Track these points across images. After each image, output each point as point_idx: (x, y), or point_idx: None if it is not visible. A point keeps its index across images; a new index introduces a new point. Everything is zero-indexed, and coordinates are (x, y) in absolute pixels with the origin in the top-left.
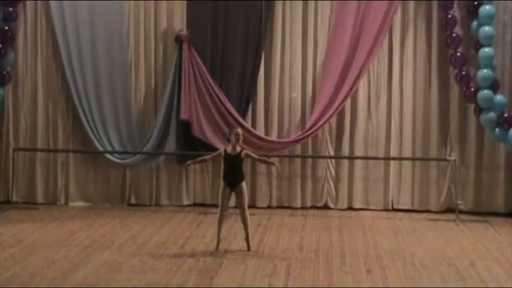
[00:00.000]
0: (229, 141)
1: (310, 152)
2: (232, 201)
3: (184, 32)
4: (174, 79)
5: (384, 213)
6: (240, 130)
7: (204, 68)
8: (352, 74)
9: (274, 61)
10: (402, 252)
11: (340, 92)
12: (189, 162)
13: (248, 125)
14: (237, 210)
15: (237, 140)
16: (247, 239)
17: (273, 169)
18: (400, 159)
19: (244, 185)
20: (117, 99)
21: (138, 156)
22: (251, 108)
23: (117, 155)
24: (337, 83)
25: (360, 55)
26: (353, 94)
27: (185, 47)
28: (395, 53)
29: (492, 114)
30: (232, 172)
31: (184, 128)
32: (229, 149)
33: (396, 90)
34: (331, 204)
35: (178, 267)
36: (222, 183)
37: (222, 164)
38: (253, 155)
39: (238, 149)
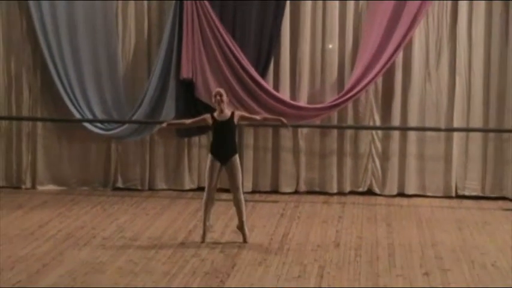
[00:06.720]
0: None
1: (350, 122)
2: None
3: None
4: (173, 27)
5: (446, 201)
6: (220, 89)
7: (211, 13)
8: (404, 19)
9: (304, 3)
10: (469, 251)
11: (389, 43)
12: (163, 124)
13: (268, 85)
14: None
15: (220, 101)
16: (241, 228)
17: (283, 130)
18: (468, 130)
19: (237, 159)
20: (99, 51)
21: (126, 126)
22: (273, 63)
23: (99, 125)
24: (386, 30)
25: None
26: (406, 45)
27: None
28: None
29: None
30: (223, 142)
31: (186, 89)
32: (216, 114)
33: (463, 39)
34: (376, 189)
35: (179, 269)
36: (209, 157)
37: (212, 134)
38: (248, 114)
39: (228, 112)
